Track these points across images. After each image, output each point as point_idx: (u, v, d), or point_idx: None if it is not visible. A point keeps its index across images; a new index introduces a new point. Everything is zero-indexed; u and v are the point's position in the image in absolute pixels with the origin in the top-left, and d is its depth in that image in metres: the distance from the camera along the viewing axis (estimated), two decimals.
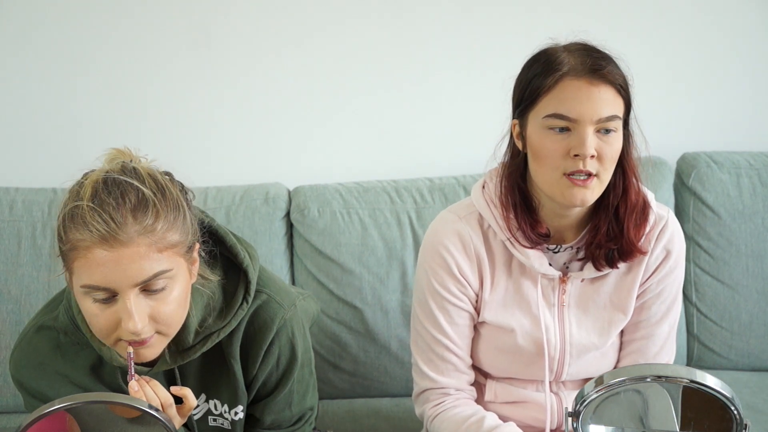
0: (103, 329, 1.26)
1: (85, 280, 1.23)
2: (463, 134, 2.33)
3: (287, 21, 2.24)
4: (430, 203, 2.15)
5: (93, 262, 1.21)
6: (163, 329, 1.29)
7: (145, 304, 1.25)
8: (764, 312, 2.20)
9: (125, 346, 1.28)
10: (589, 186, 1.42)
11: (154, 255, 1.23)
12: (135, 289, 1.23)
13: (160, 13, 2.21)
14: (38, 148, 2.25)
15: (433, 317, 1.57)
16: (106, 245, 1.20)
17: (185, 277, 1.30)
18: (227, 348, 1.42)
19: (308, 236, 2.11)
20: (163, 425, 1.17)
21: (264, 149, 2.30)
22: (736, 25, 2.36)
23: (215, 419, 1.49)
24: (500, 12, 2.29)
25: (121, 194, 1.23)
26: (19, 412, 2.01)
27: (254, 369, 1.44)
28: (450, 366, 1.58)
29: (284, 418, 1.51)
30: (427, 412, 1.60)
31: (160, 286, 1.25)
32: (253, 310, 1.43)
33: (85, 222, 1.21)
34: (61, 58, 2.21)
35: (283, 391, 1.48)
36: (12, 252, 2.04)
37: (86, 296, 1.25)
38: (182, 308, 1.31)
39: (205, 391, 1.47)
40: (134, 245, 1.21)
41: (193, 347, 1.39)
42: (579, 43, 1.46)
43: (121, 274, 1.21)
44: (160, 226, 1.24)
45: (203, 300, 1.39)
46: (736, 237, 2.20)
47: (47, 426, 1.16)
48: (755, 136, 2.40)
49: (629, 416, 1.22)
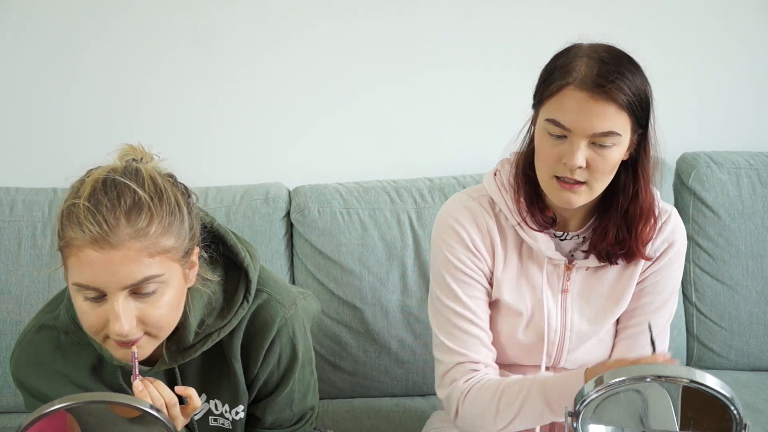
0: (92, 326, 1.26)
1: (77, 278, 1.23)
2: (463, 134, 2.33)
3: (287, 20, 2.24)
4: (430, 203, 2.15)
5: (84, 261, 1.21)
6: (152, 331, 1.28)
7: (133, 307, 1.24)
8: (764, 312, 2.20)
9: (115, 346, 1.28)
10: (576, 191, 1.45)
11: (144, 259, 1.22)
12: (124, 292, 1.23)
13: (160, 13, 2.21)
14: (38, 148, 2.25)
15: (452, 292, 1.56)
16: (97, 246, 1.20)
17: (179, 281, 1.29)
18: (228, 347, 1.42)
19: (308, 236, 2.11)
20: (163, 425, 1.17)
21: (264, 149, 2.30)
22: (736, 25, 2.36)
23: (216, 419, 1.49)
24: (500, 12, 2.29)
25: (117, 195, 1.23)
26: (19, 412, 2.01)
27: (255, 368, 1.44)
28: (475, 340, 1.56)
29: (285, 417, 1.51)
30: (459, 388, 1.55)
31: (150, 290, 1.24)
32: (254, 309, 1.42)
33: (80, 221, 1.22)
34: (61, 59, 2.21)
35: (284, 390, 1.47)
36: (12, 252, 2.04)
37: (78, 293, 1.25)
38: (174, 312, 1.30)
39: (206, 392, 1.46)
40: (125, 248, 1.21)
41: (193, 347, 1.38)
42: (601, 49, 1.44)
43: (111, 276, 1.21)
44: (153, 230, 1.23)
45: (203, 300, 1.38)
46: (736, 237, 2.20)
47: (47, 426, 1.16)
48: (755, 136, 2.40)
49: (629, 416, 1.22)
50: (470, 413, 1.54)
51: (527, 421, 1.50)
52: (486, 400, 1.51)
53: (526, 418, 1.49)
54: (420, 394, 2.15)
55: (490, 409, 1.51)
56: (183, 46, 2.22)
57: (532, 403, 1.48)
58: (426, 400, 2.13)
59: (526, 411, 1.48)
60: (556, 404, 1.46)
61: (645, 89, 1.44)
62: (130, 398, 1.20)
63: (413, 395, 2.15)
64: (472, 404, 1.53)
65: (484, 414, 1.52)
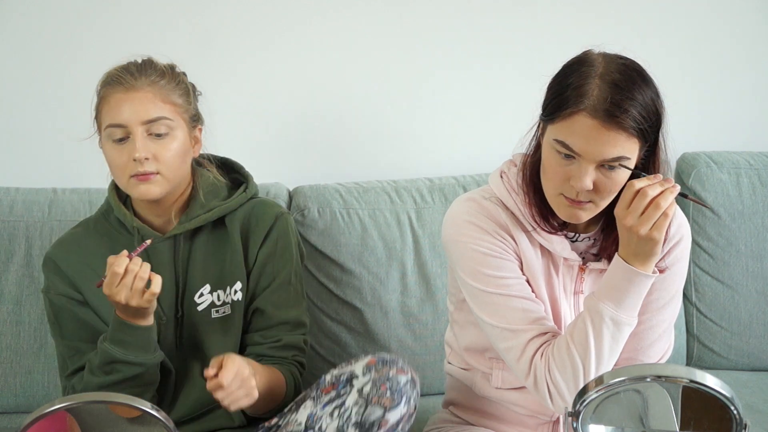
0: (120, 165, 1.60)
1: (108, 120, 1.61)
2: (463, 134, 2.33)
3: (286, 20, 2.24)
4: (430, 203, 2.15)
5: (113, 103, 1.61)
6: (163, 170, 1.60)
7: (149, 144, 1.59)
8: (764, 312, 2.21)
9: (135, 183, 1.59)
10: (583, 207, 1.46)
11: (158, 103, 1.61)
12: (142, 128, 1.59)
13: (159, 13, 2.21)
14: (38, 148, 2.25)
15: (493, 279, 1.52)
16: (123, 89, 1.61)
17: (185, 137, 1.65)
18: (230, 226, 1.70)
19: (308, 236, 2.11)
20: (163, 425, 1.17)
21: (264, 149, 2.30)
22: (736, 25, 2.36)
23: (218, 310, 1.69)
24: (500, 13, 2.29)
25: (143, 62, 1.66)
26: (19, 412, 2.01)
27: (255, 249, 1.70)
28: (531, 314, 1.51)
29: (289, 317, 1.71)
30: (540, 366, 1.49)
31: (162, 131, 1.60)
32: (255, 204, 1.74)
33: (110, 75, 1.64)
34: (60, 59, 2.21)
35: (282, 276, 1.71)
36: (12, 252, 2.04)
37: (108, 140, 1.62)
38: (181, 160, 1.64)
39: (210, 282, 1.69)
40: (143, 91, 1.61)
41: (198, 216, 1.67)
42: (614, 68, 1.42)
43: (132, 112, 1.59)
44: (164, 83, 1.63)
45: (209, 182, 1.70)
46: (736, 237, 2.20)
47: (47, 426, 1.16)
48: (755, 136, 2.40)
49: (629, 416, 1.22)
50: (563, 380, 1.47)
51: (608, 339, 1.46)
52: (564, 354, 1.47)
53: (601, 336, 1.45)
54: (420, 394, 2.14)
55: (572, 357, 1.46)
56: (181, 45, 2.22)
57: (596, 317, 1.46)
58: (426, 400, 2.12)
59: (598, 328, 1.45)
60: (612, 298, 1.45)
61: (656, 107, 1.43)
62: (130, 398, 1.20)
63: None
64: (560, 369, 1.47)
65: (574, 366, 1.46)
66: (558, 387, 1.47)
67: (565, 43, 1.50)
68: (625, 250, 1.44)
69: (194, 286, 1.69)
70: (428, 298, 2.11)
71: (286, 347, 1.70)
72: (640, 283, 1.45)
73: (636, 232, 1.40)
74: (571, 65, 1.46)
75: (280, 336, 1.70)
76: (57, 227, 2.04)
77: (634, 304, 1.47)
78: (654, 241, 1.41)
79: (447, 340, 1.76)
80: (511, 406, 1.64)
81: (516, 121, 1.53)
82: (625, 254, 1.44)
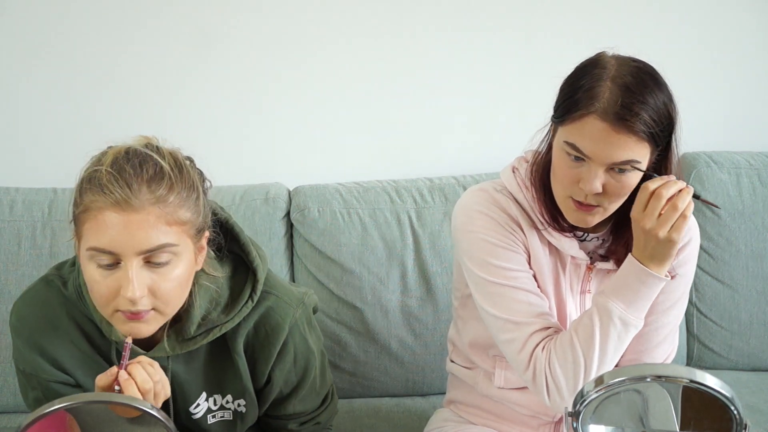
0: (102, 297, 1.27)
1: (93, 243, 1.24)
2: (463, 134, 2.33)
3: (287, 21, 2.24)
4: (430, 203, 2.15)
5: (103, 224, 1.23)
6: (160, 306, 1.29)
7: (146, 276, 1.26)
8: (764, 312, 2.21)
9: (122, 320, 1.28)
10: (591, 212, 1.46)
11: (162, 227, 1.25)
12: (139, 258, 1.25)
13: (160, 13, 2.21)
14: (38, 148, 2.25)
15: (500, 269, 1.52)
16: (118, 209, 1.23)
17: (190, 259, 1.31)
18: (232, 343, 1.44)
19: (308, 236, 2.11)
20: (163, 425, 1.17)
21: (264, 149, 2.30)
22: (735, 25, 2.35)
23: (214, 415, 1.50)
24: (500, 13, 2.29)
25: (140, 164, 1.27)
26: (19, 412, 2.01)
27: (267, 367, 1.46)
28: (535, 307, 1.51)
29: (314, 404, 1.57)
30: (540, 358, 1.48)
31: (163, 260, 1.26)
32: (263, 311, 1.45)
33: (102, 185, 1.24)
34: (60, 59, 2.21)
35: (307, 382, 1.52)
36: (12, 252, 2.04)
37: (91, 261, 1.26)
38: (182, 289, 1.32)
39: (206, 389, 1.48)
40: (145, 213, 1.24)
41: (194, 338, 1.40)
42: (626, 71, 1.41)
43: (128, 240, 1.23)
44: (172, 199, 1.26)
45: (209, 294, 1.40)
46: (736, 237, 2.20)
47: (47, 426, 1.15)
48: (755, 136, 2.40)
49: (629, 416, 1.22)
50: (563, 374, 1.47)
51: (614, 338, 1.46)
52: (567, 348, 1.46)
53: (607, 335, 1.45)
54: (420, 394, 2.15)
55: (575, 352, 1.46)
56: (183, 46, 2.22)
57: (605, 315, 1.45)
58: (426, 400, 2.13)
59: (605, 326, 1.45)
60: (623, 298, 1.45)
61: (668, 111, 1.42)
62: (129, 398, 1.20)
63: (413, 395, 2.15)
64: (561, 362, 1.47)
65: (575, 361, 1.45)
66: (557, 381, 1.47)
67: (566, 43, 1.51)
68: (640, 252, 1.44)
69: (189, 398, 1.47)
70: (428, 297, 2.11)
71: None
72: (653, 285, 1.45)
73: (655, 235, 1.40)
74: (584, 67, 1.46)
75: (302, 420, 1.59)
76: (57, 227, 2.04)
77: (644, 305, 1.47)
78: (672, 243, 1.41)
79: (450, 338, 1.76)
80: (513, 406, 1.64)
81: (516, 121, 1.53)
82: (640, 256, 1.44)
